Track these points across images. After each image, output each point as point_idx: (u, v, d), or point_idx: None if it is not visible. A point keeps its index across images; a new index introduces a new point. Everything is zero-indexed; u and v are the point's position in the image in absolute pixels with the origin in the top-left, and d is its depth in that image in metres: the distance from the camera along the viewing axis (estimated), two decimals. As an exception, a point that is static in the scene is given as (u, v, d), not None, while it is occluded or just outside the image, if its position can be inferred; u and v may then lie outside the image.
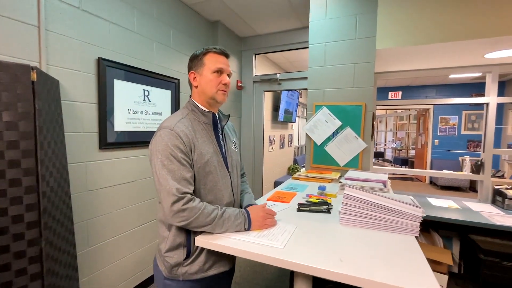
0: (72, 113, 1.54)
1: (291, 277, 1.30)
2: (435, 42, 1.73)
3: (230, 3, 2.40)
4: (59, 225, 1.24)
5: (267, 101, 4.15)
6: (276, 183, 4.58)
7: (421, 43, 1.76)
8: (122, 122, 1.83)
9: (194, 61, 0.99)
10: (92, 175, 1.66)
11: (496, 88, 2.07)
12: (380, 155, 9.59)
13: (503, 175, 5.14)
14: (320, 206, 1.16)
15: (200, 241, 0.87)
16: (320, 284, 0.90)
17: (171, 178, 0.83)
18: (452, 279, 1.90)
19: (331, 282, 0.71)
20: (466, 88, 6.09)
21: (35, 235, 1.06)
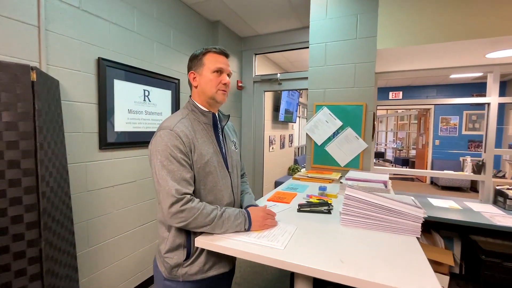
0: (72, 113, 1.54)
1: (292, 278, 1.29)
2: (435, 42, 1.73)
3: (230, 3, 2.40)
4: (59, 225, 1.24)
5: (268, 101, 4.15)
6: (277, 183, 4.58)
7: (421, 43, 1.76)
8: (122, 122, 1.83)
9: (194, 61, 0.99)
10: (92, 175, 1.66)
11: (497, 88, 2.06)
12: (380, 155, 9.58)
13: (504, 175, 5.12)
14: (320, 206, 1.15)
15: (200, 242, 0.87)
16: (320, 285, 0.89)
17: (170, 179, 0.83)
18: (453, 279, 1.90)
19: (332, 284, 0.71)
20: (467, 88, 6.08)
21: (35, 235, 1.06)
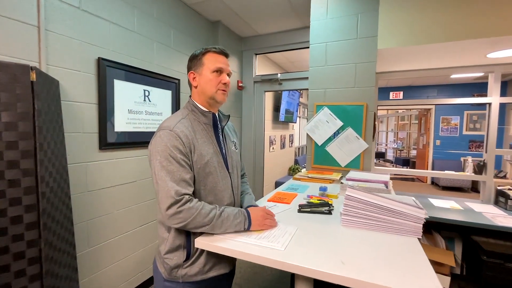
0: (72, 113, 1.53)
1: (292, 278, 1.29)
2: (436, 42, 1.72)
3: (231, 3, 2.40)
4: (59, 226, 1.24)
5: (268, 101, 4.15)
6: (277, 184, 4.57)
7: (422, 43, 1.75)
8: (122, 123, 1.83)
9: (194, 61, 0.98)
10: (92, 176, 1.66)
11: (498, 88, 2.05)
12: (381, 155, 9.57)
13: (505, 176, 5.12)
14: (321, 207, 1.15)
15: (200, 243, 0.86)
16: (321, 286, 0.88)
17: (169, 180, 0.83)
18: (455, 280, 1.89)
19: (333, 285, 0.70)
20: (467, 88, 6.07)
21: (35, 236, 1.06)
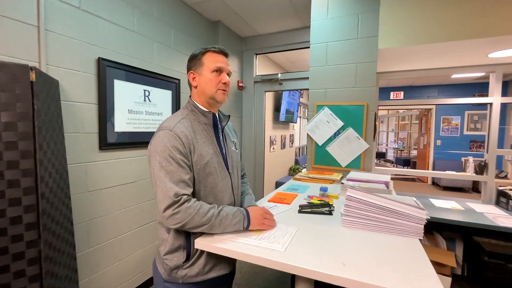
0: (72, 113, 1.53)
1: (292, 279, 1.28)
2: (437, 42, 1.71)
3: (231, 3, 2.39)
4: (58, 226, 1.23)
5: (268, 101, 4.14)
6: (277, 184, 4.56)
7: (423, 43, 1.74)
8: (122, 123, 1.82)
9: (193, 61, 0.98)
10: (92, 176, 1.65)
11: (500, 88, 2.04)
12: (381, 155, 9.56)
13: (506, 176, 5.11)
14: (321, 207, 1.14)
15: (200, 243, 0.86)
16: (322, 287, 0.88)
17: (168, 180, 0.82)
18: (456, 281, 1.88)
19: (333, 286, 0.70)
20: (468, 88, 6.06)
21: (34, 236, 1.06)
